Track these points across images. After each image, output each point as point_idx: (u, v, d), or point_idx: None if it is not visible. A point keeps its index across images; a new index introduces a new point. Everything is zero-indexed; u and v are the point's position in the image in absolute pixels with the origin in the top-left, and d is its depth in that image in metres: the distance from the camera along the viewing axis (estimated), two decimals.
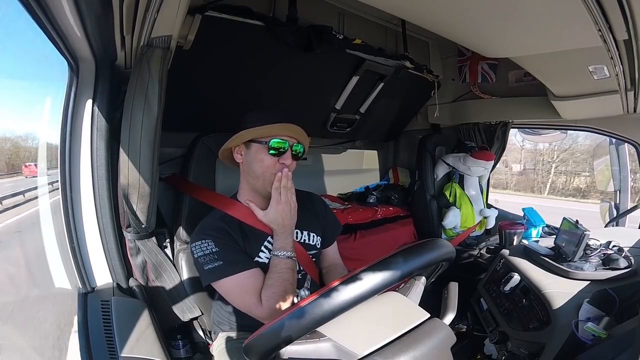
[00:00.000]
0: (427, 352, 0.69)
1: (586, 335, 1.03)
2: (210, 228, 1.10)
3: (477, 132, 2.26)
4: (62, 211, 1.09)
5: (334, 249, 1.39)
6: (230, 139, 1.15)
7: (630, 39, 0.95)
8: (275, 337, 0.65)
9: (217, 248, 1.06)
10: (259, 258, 1.13)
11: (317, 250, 1.27)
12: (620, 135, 1.93)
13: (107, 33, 0.93)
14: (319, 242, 1.28)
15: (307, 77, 1.67)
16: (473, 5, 0.91)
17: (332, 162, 2.28)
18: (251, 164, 1.13)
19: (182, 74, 1.14)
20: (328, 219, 1.35)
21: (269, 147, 1.10)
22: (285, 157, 1.12)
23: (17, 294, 1.21)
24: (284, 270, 1.06)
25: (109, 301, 1.08)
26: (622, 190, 2.08)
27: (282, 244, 1.10)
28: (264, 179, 1.12)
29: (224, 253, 1.06)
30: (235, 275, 1.04)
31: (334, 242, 1.38)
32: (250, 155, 1.14)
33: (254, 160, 1.13)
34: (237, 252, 1.08)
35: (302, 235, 1.23)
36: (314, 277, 1.25)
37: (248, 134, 1.12)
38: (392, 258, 0.72)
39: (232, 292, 1.07)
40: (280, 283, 1.04)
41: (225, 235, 1.09)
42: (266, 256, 1.13)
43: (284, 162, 1.12)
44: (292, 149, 1.13)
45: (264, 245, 1.14)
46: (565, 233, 1.43)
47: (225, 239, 1.08)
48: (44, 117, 1.25)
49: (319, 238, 1.28)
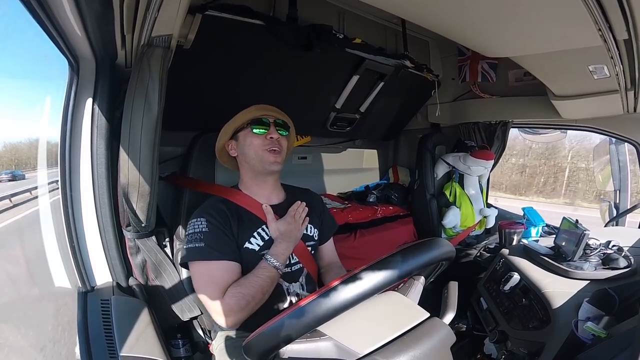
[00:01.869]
0: (427, 352, 0.69)
1: (586, 335, 1.03)
2: (210, 207, 1.15)
3: (477, 132, 2.26)
4: (62, 210, 1.09)
5: (330, 247, 1.42)
6: (218, 138, 1.23)
7: (630, 38, 0.94)
8: (275, 336, 0.65)
9: (206, 229, 1.09)
10: (249, 244, 1.15)
11: (314, 242, 1.30)
12: (620, 135, 1.93)
13: (108, 32, 0.93)
14: (317, 235, 1.31)
15: (307, 76, 1.67)
16: (473, 5, 0.91)
17: (332, 161, 2.28)
18: (244, 151, 1.21)
19: (182, 73, 1.14)
20: (325, 215, 1.39)
21: (252, 127, 1.19)
22: (270, 132, 1.19)
23: (17, 293, 1.21)
24: (264, 277, 1.07)
25: (109, 300, 1.08)
26: (622, 189, 2.08)
27: (278, 251, 1.12)
28: (260, 158, 1.19)
29: (210, 236, 1.08)
30: (209, 261, 1.06)
31: (329, 239, 1.41)
32: (240, 144, 1.22)
33: (245, 146, 1.20)
34: (223, 239, 1.09)
35: None
36: (311, 271, 1.26)
37: (229, 126, 1.21)
38: (392, 257, 0.72)
39: (200, 278, 1.08)
40: (252, 287, 1.04)
41: (221, 217, 1.12)
42: (257, 243, 1.15)
43: (272, 136, 1.19)
44: (276, 123, 1.21)
45: (257, 231, 1.17)
46: (565, 232, 1.43)
47: (219, 220, 1.11)
48: (44, 116, 1.25)
49: (316, 230, 1.31)
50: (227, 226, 1.12)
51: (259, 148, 1.18)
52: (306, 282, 1.24)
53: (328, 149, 2.25)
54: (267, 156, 1.18)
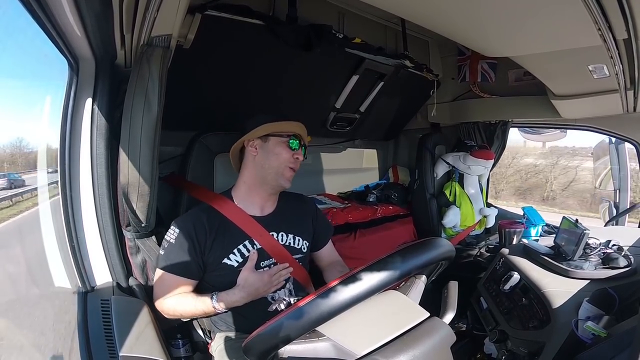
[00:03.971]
0: (427, 351, 0.69)
1: (586, 334, 1.03)
2: (190, 218, 1.17)
3: (477, 131, 2.26)
4: (62, 210, 1.09)
5: (329, 249, 1.42)
6: (252, 131, 1.20)
7: (630, 38, 0.95)
8: (274, 336, 0.65)
9: (173, 241, 1.12)
10: (228, 260, 1.15)
11: (302, 254, 1.28)
12: (620, 134, 1.93)
13: (107, 32, 0.93)
14: (306, 247, 1.29)
15: (307, 76, 1.67)
16: (473, 5, 0.91)
17: (332, 161, 2.28)
18: (268, 156, 1.20)
19: (181, 73, 1.14)
20: (319, 221, 1.38)
21: (290, 140, 1.20)
22: (298, 152, 1.22)
23: (16, 293, 1.21)
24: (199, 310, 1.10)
25: (109, 300, 1.08)
26: (622, 189, 2.09)
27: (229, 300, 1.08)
28: (278, 171, 1.20)
29: (173, 250, 1.12)
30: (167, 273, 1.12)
31: (327, 243, 1.40)
32: (266, 148, 1.21)
33: (271, 153, 1.20)
34: (183, 257, 1.12)
35: (287, 239, 1.25)
36: (299, 278, 1.26)
37: (269, 127, 1.20)
38: (392, 257, 0.72)
39: (156, 282, 1.14)
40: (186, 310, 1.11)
41: (196, 232, 1.13)
42: (236, 259, 1.15)
43: (299, 157, 1.22)
44: (303, 147, 1.24)
45: (238, 248, 1.16)
46: (565, 232, 1.43)
47: (191, 236, 1.12)
48: (44, 116, 1.25)
49: (305, 242, 1.29)
50: (199, 242, 1.13)
51: (285, 162, 1.20)
52: (295, 287, 1.23)
53: (328, 149, 2.25)
54: (287, 172, 1.21)
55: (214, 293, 1.09)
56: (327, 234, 1.41)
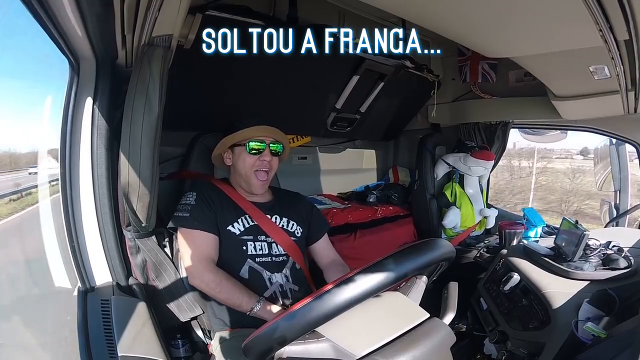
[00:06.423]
0: (427, 352, 0.69)
1: (586, 335, 1.03)
2: (202, 186, 1.31)
3: (478, 132, 2.25)
4: (62, 210, 1.09)
5: (326, 245, 1.45)
6: (216, 147, 1.32)
7: (631, 39, 0.94)
8: (273, 337, 0.65)
9: (194, 202, 1.24)
10: (232, 227, 1.26)
11: (297, 238, 1.35)
12: (621, 135, 1.93)
13: (108, 32, 0.93)
14: (300, 232, 1.37)
15: (307, 77, 1.67)
16: (473, 5, 0.91)
17: (332, 161, 2.28)
18: (237, 164, 1.31)
19: (182, 73, 1.14)
20: (314, 215, 1.46)
21: (248, 148, 1.28)
22: (264, 154, 1.29)
23: (16, 293, 1.21)
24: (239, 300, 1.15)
25: (109, 300, 1.08)
26: (622, 190, 2.09)
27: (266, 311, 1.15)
28: (247, 176, 1.30)
29: (196, 209, 1.23)
30: (192, 230, 1.21)
31: (321, 237, 1.45)
32: (235, 157, 1.32)
33: (238, 162, 1.31)
34: (206, 214, 1.24)
35: (282, 221, 1.34)
36: (298, 261, 1.31)
37: (228, 141, 1.30)
38: (391, 258, 0.72)
39: (184, 242, 1.21)
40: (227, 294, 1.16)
41: (208, 197, 1.26)
42: (238, 228, 1.27)
43: (264, 159, 1.29)
44: (270, 147, 1.30)
45: (240, 219, 1.28)
46: (565, 233, 1.43)
47: (206, 199, 1.25)
48: (44, 116, 1.25)
49: (299, 228, 1.37)
50: (211, 205, 1.25)
51: (250, 168, 1.29)
52: (292, 273, 1.27)
53: (328, 149, 2.25)
54: (254, 179, 1.30)
55: (261, 298, 1.17)
56: (322, 228, 1.46)
